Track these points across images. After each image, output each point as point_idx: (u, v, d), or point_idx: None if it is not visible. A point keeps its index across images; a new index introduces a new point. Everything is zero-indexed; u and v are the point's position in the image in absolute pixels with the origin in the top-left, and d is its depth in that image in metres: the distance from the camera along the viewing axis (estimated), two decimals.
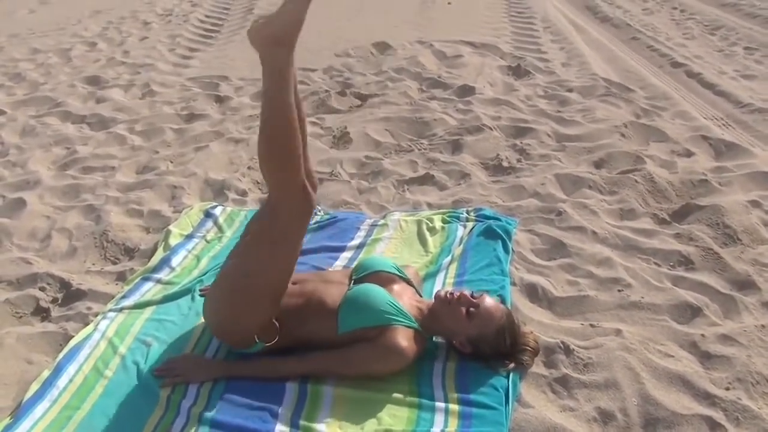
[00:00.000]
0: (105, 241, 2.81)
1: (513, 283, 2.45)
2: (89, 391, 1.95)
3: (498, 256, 2.56)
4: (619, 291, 2.40)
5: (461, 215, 2.89)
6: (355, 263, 2.46)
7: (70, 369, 2.02)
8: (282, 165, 1.86)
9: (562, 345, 2.09)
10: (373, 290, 1.99)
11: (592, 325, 2.23)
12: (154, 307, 2.34)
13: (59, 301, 2.46)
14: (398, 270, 2.16)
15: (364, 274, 2.11)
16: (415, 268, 2.34)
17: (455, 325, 1.97)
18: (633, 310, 2.31)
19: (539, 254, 2.67)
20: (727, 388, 1.93)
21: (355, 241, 2.74)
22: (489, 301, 2.00)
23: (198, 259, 2.64)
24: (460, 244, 2.67)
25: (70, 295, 2.47)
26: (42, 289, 2.50)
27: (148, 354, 2.10)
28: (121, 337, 2.18)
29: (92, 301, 2.42)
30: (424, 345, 2.02)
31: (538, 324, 2.23)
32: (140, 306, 2.34)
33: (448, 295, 1.99)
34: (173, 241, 2.74)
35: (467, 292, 2.01)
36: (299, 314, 2.00)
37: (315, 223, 2.87)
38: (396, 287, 2.08)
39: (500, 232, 2.69)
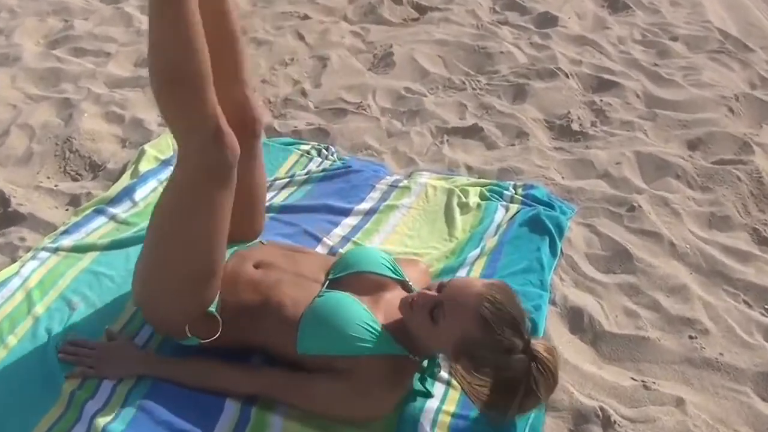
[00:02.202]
0: (68, 150, 2.35)
1: (552, 302, 1.90)
2: None
3: (541, 259, 1.99)
4: (690, 338, 1.83)
5: (506, 191, 2.30)
6: (343, 250, 1.95)
7: None
8: (179, 106, 1.35)
9: (600, 413, 1.56)
10: (344, 305, 1.48)
11: (645, 385, 1.69)
12: (96, 253, 1.89)
13: None
14: (393, 269, 1.62)
15: (343, 275, 1.59)
16: (423, 266, 1.80)
17: (429, 339, 1.44)
18: (705, 370, 1.75)
19: (595, 262, 2.09)
20: None
21: (365, 204, 2.20)
22: (455, 284, 1.42)
23: None
24: (495, 233, 2.10)
25: (7, 216, 2.05)
26: None
27: (68, 320, 1.67)
28: (43, 289, 1.76)
29: (30, 230, 2.00)
30: (412, 373, 1.52)
31: (573, 369, 1.70)
32: (80, 249, 1.90)
33: (410, 300, 1.45)
34: (145, 166, 2.25)
35: (430, 288, 1.46)
36: (252, 314, 1.52)
37: (321, 171, 2.33)
38: (387, 295, 1.56)
39: (550, 225, 2.10)
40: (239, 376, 1.51)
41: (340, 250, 1.98)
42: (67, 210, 2.12)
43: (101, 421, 1.43)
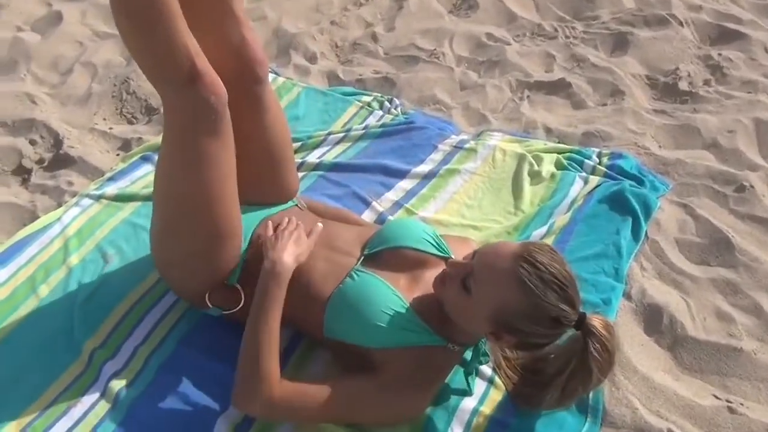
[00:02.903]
0: (125, 92, 2.29)
1: (627, 295, 1.65)
2: (9, 312, 1.52)
3: (619, 243, 1.73)
4: None
5: (588, 160, 2.01)
6: (393, 217, 1.77)
7: (2, 273, 1.59)
8: (144, 43, 1.19)
9: None
10: (372, 290, 1.32)
11: (730, 407, 1.42)
12: (137, 203, 1.82)
13: (45, 164, 2.02)
14: (436, 245, 1.42)
15: (379, 250, 1.41)
16: (475, 245, 1.58)
17: (465, 316, 1.25)
18: None
19: (687, 251, 1.79)
20: None
21: (425, 167, 2.00)
22: (486, 249, 1.24)
23: None
24: (569, 209, 1.84)
25: (58, 158, 2.02)
26: (32, 142, 2.08)
27: (101, 273, 1.62)
28: (81, 239, 1.72)
29: (78, 173, 1.97)
30: (452, 365, 1.35)
31: (642, 380, 1.45)
32: (122, 198, 1.84)
33: (441, 275, 1.27)
34: None
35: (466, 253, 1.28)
36: None
37: (380, 126, 2.14)
38: (427, 275, 1.37)
39: (636, 204, 1.81)
40: (256, 341, 1.36)
41: (390, 217, 1.81)
42: (117, 155, 2.07)
43: (117, 384, 1.37)
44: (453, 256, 1.43)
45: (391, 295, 1.31)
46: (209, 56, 1.24)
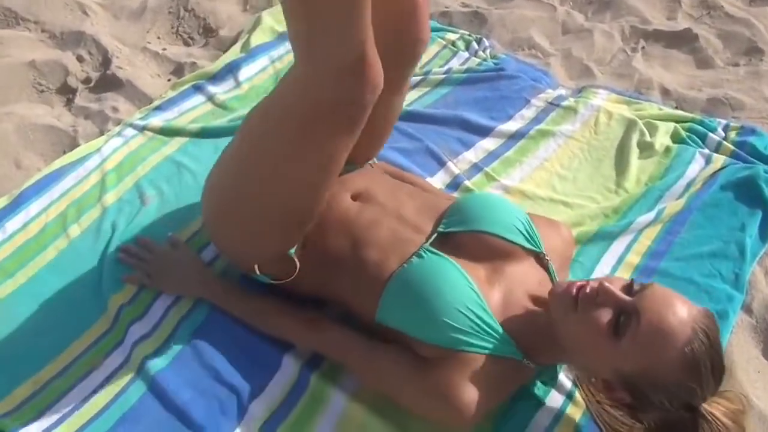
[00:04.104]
0: (183, 8, 2.09)
1: (747, 308, 1.38)
2: (37, 252, 1.40)
3: (743, 242, 1.44)
4: None
5: (712, 133, 1.69)
6: (470, 183, 1.53)
7: (33, 206, 1.47)
8: (316, 17, 0.94)
9: None
10: (445, 279, 1.10)
11: None
12: (184, 140, 1.66)
13: (91, 84, 1.86)
14: (528, 236, 1.19)
15: (457, 231, 1.19)
16: (566, 232, 1.32)
17: (588, 350, 1.04)
18: None
19: None
20: None
21: (512, 124, 1.73)
22: (663, 297, 1.00)
23: (278, 78, 1.84)
24: (684, 194, 1.56)
25: (105, 79, 1.86)
26: (80, 59, 1.92)
27: (136, 216, 1.48)
28: (120, 174, 1.56)
29: (125, 98, 1.80)
30: (520, 383, 1.16)
31: (758, 417, 1.22)
32: (168, 132, 1.67)
33: (573, 291, 1.03)
34: (258, 38, 1.93)
35: (616, 283, 1.03)
36: (334, 264, 1.20)
37: (464, 71, 1.87)
38: (510, 270, 1.16)
39: None
40: (306, 329, 1.23)
41: (466, 182, 1.58)
42: (168, 80, 1.89)
43: (142, 351, 1.23)
44: (543, 251, 1.20)
45: (467, 288, 1.10)
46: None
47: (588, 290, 1.02)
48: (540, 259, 1.21)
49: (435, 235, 1.19)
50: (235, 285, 1.32)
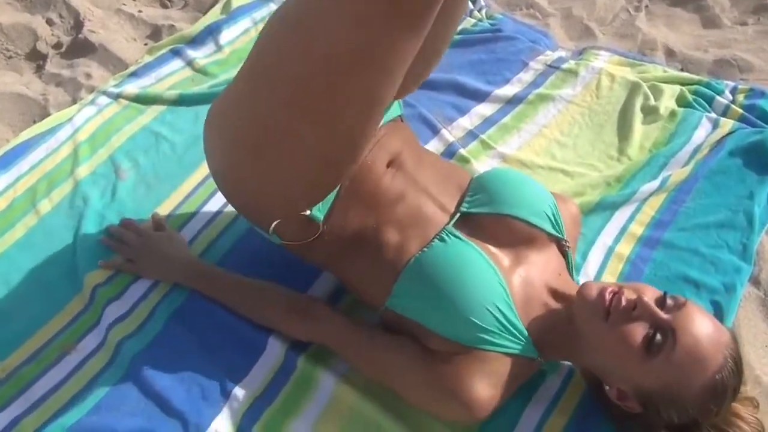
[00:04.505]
0: None
1: (755, 280, 1.32)
2: (4, 230, 1.31)
3: (751, 212, 1.37)
4: None
5: (720, 96, 1.61)
6: (465, 151, 1.45)
7: (0, 181, 1.39)
8: None
9: None
10: (470, 269, 1.01)
11: None
12: (162, 108, 1.57)
13: (62, 49, 1.76)
14: (554, 223, 1.11)
15: (482, 212, 1.09)
16: (575, 208, 1.24)
17: (613, 362, 0.98)
18: None
19: None
20: None
21: (509, 88, 1.65)
22: (699, 320, 0.95)
23: None
24: (690, 160, 1.48)
25: (77, 43, 1.76)
26: (50, 22, 1.81)
27: (112, 192, 1.39)
28: (93, 146, 1.48)
29: (99, 64, 1.70)
30: (527, 376, 1.08)
31: (765, 395, 1.17)
32: (144, 99, 1.58)
33: (608, 296, 0.97)
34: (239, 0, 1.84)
35: (649, 294, 0.97)
36: (353, 241, 1.09)
37: (459, 32, 1.77)
38: (533, 257, 1.08)
39: None
40: (297, 323, 1.14)
41: (461, 150, 1.50)
42: (145, 44, 1.79)
43: (119, 334, 1.17)
44: (566, 237, 1.12)
45: (496, 283, 1.01)
46: None
47: (624, 303, 0.96)
48: (561, 245, 1.14)
49: (458, 215, 1.10)
50: (220, 270, 1.24)
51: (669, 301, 0.96)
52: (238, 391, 1.11)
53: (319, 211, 1.06)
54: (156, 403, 1.09)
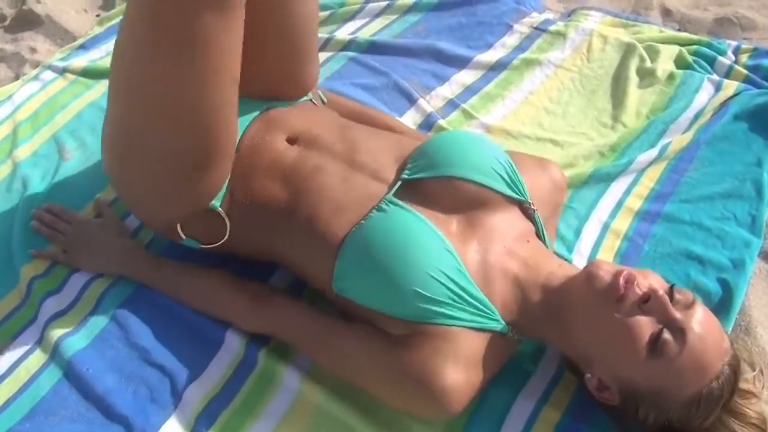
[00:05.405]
0: None
1: (766, 254, 1.21)
2: None
3: (760, 180, 1.26)
4: None
5: (721, 57, 1.50)
6: (445, 122, 1.34)
7: None
8: None
9: None
10: (411, 236, 0.92)
11: None
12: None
13: (6, 21, 1.64)
14: (510, 182, 1.01)
15: (425, 176, 1.00)
16: (557, 172, 1.13)
17: (608, 352, 0.89)
18: None
19: None
20: None
21: (493, 53, 1.53)
22: (708, 322, 0.87)
23: None
24: (691, 126, 1.37)
25: (22, 15, 1.63)
26: None
27: (53, 175, 1.27)
28: (35, 124, 1.36)
29: (46, 38, 1.58)
30: (504, 360, 0.98)
31: None
32: (92, 73, 1.46)
33: (622, 286, 0.86)
34: None
35: (658, 283, 0.87)
36: (272, 221, 1.01)
37: None
38: (490, 222, 0.98)
39: None
40: (247, 311, 1.04)
41: (441, 121, 1.38)
42: (97, 15, 1.66)
43: (58, 330, 1.05)
44: (529, 199, 1.02)
45: (440, 247, 0.91)
46: None
47: (639, 293, 0.86)
48: (525, 208, 1.03)
49: (399, 183, 1.00)
50: (166, 259, 1.12)
51: (677, 296, 0.87)
52: (192, 392, 1.00)
53: (215, 202, 1.02)
54: (98, 408, 0.98)
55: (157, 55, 0.89)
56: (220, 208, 1.02)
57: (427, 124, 1.39)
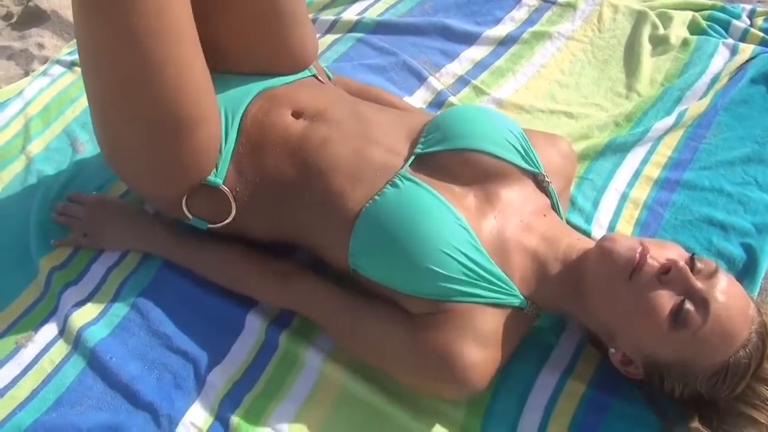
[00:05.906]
0: None
1: None
2: None
3: None
4: None
5: (736, 20, 1.47)
6: (456, 99, 1.34)
7: None
8: None
9: None
10: (425, 211, 0.91)
11: None
12: None
13: (13, 19, 1.64)
14: (524, 154, 1.00)
15: (438, 150, 0.99)
16: (566, 145, 1.11)
17: (629, 326, 0.88)
18: None
19: None
20: None
21: (501, 28, 1.51)
22: (732, 290, 0.86)
23: None
24: (708, 92, 1.34)
25: (28, 12, 1.63)
26: None
27: (69, 166, 1.27)
28: (46, 119, 1.37)
29: (53, 33, 1.58)
30: (524, 332, 0.97)
31: None
32: None
33: (637, 255, 0.85)
34: None
35: (678, 254, 0.86)
36: (284, 199, 1.00)
37: None
38: (506, 195, 0.97)
39: None
40: (272, 286, 1.04)
41: (451, 98, 1.37)
42: None
43: (78, 319, 1.06)
44: (543, 171, 1.01)
45: (453, 223, 0.91)
46: None
47: (658, 264, 0.85)
48: (539, 182, 1.02)
49: (412, 157, 0.99)
50: (186, 232, 1.13)
51: (699, 265, 0.86)
52: (215, 376, 1.01)
53: (216, 177, 1.01)
54: (123, 395, 0.99)
55: (104, 24, 0.87)
56: (223, 186, 1.01)
57: (438, 101, 1.38)
